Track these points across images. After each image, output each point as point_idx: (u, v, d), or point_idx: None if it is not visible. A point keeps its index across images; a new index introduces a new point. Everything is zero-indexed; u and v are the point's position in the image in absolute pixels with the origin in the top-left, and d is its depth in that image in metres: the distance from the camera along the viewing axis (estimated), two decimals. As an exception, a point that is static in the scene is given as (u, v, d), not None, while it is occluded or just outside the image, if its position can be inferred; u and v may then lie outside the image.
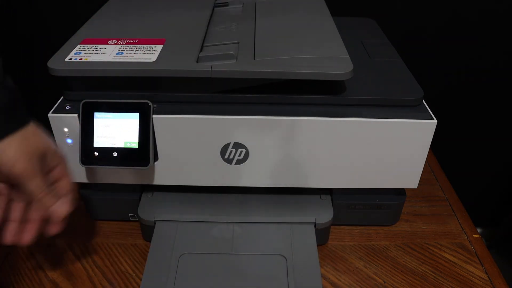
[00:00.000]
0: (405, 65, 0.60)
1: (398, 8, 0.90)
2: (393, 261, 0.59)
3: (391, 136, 0.52)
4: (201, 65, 0.50)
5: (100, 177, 0.57)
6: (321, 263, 0.58)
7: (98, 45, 0.53)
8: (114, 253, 0.60)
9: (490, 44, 0.94)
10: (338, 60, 0.50)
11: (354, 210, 0.61)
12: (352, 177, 0.56)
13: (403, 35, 0.92)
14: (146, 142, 0.51)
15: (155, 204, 0.60)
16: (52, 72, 0.49)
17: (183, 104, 0.52)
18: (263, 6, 0.69)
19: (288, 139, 0.52)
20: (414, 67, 0.62)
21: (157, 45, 0.53)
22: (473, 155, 1.14)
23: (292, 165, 0.54)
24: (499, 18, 0.91)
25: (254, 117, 0.50)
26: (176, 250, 0.55)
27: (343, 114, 0.51)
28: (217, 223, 0.58)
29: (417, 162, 0.55)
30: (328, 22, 0.61)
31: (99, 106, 0.51)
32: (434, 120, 0.51)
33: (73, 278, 0.56)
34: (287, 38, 0.56)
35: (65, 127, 0.52)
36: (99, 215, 0.64)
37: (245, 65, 0.50)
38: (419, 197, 0.70)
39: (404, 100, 0.52)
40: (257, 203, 0.60)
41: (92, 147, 0.51)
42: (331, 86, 0.52)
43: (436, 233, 0.64)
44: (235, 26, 0.61)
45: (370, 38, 0.69)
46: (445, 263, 0.59)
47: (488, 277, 0.57)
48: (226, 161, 0.54)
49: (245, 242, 0.56)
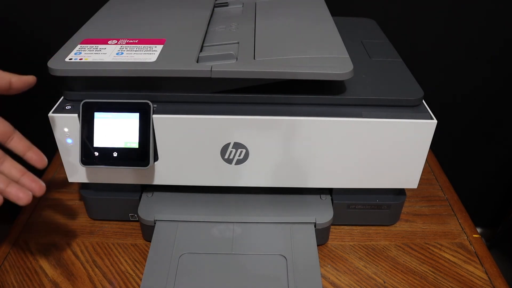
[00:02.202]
0: (405, 65, 0.60)
1: (398, 8, 0.90)
2: (393, 261, 0.59)
3: (391, 136, 0.52)
4: (201, 65, 0.50)
5: (100, 177, 0.57)
6: (321, 263, 0.58)
7: (98, 45, 0.53)
8: (114, 253, 0.60)
9: (490, 44, 0.94)
10: (338, 60, 0.50)
11: (354, 210, 0.61)
12: (352, 177, 0.56)
13: (403, 35, 0.92)
14: (146, 142, 0.51)
15: (155, 204, 0.60)
16: (52, 72, 0.49)
17: (183, 104, 0.52)
18: (263, 6, 0.69)
19: (288, 139, 0.52)
20: (414, 67, 0.62)
21: (157, 45, 0.53)
22: (473, 155, 1.14)
23: (292, 165, 0.54)
24: (499, 18, 0.91)
25: (254, 117, 0.50)
26: (176, 250, 0.55)
27: (343, 114, 0.51)
28: (217, 223, 0.58)
29: (417, 162, 0.55)
30: (328, 22, 0.61)
31: (99, 106, 0.51)
32: (434, 120, 0.51)
33: (73, 278, 0.56)
34: (287, 38, 0.56)
35: (65, 127, 0.52)
36: (99, 215, 0.64)
37: (245, 65, 0.50)
38: (419, 197, 0.70)
39: (404, 100, 0.52)
40: (257, 203, 0.60)
41: (92, 147, 0.51)
42: (331, 86, 0.52)
43: (436, 233, 0.64)
44: (235, 26, 0.61)
45: (370, 38, 0.69)
46: (445, 263, 0.59)
47: (488, 277, 0.57)
48: (226, 161, 0.54)
49: (245, 242, 0.56)
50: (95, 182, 0.57)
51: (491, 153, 1.13)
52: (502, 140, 1.10)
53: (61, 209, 0.67)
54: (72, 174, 0.56)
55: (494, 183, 1.20)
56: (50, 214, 0.66)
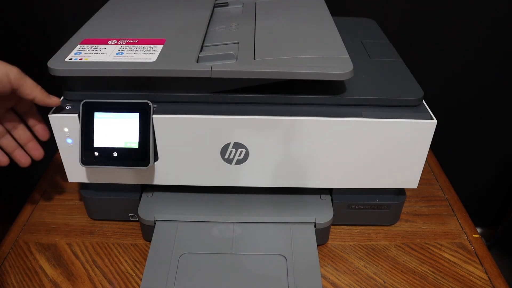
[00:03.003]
0: (405, 65, 0.60)
1: (398, 8, 0.90)
2: (393, 261, 0.59)
3: (391, 136, 0.52)
4: (201, 65, 0.50)
5: (100, 177, 0.57)
6: (321, 263, 0.58)
7: (98, 45, 0.53)
8: (114, 253, 0.60)
9: (490, 44, 0.94)
10: (338, 60, 0.50)
11: (354, 210, 0.61)
12: (352, 177, 0.56)
13: (403, 35, 0.92)
14: (146, 142, 0.51)
15: (155, 204, 0.60)
16: (52, 72, 0.49)
17: (183, 104, 0.52)
18: (263, 6, 0.69)
19: (288, 139, 0.52)
20: (414, 67, 0.62)
21: (157, 45, 0.53)
22: (473, 155, 1.14)
23: (292, 165, 0.54)
24: (499, 18, 0.91)
25: (254, 117, 0.50)
26: (176, 250, 0.55)
27: (343, 114, 0.51)
28: (217, 223, 0.58)
29: (417, 162, 0.55)
30: (328, 22, 0.61)
31: (99, 106, 0.51)
32: (434, 120, 0.51)
33: (73, 278, 0.56)
34: (287, 38, 0.56)
35: (65, 127, 0.52)
36: (99, 215, 0.64)
37: (245, 65, 0.50)
38: (419, 197, 0.70)
39: (404, 100, 0.52)
40: (257, 203, 0.60)
41: (92, 147, 0.51)
42: (331, 86, 0.52)
43: (436, 233, 0.64)
44: (235, 26, 0.61)
45: (370, 38, 0.69)
46: (445, 263, 0.59)
47: (488, 277, 0.57)
48: (226, 161, 0.54)
49: (245, 242, 0.56)
50: (95, 182, 0.57)
51: (491, 153, 1.13)
52: (502, 140, 1.10)
53: (61, 209, 0.67)
54: (72, 174, 0.56)
55: (494, 183, 1.20)
56: (50, 214, 0.66)
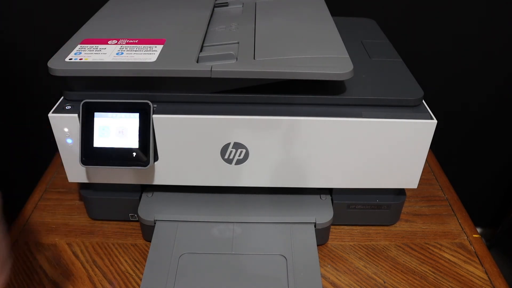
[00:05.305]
0: (405, 65, 0.60)
1: (398, 8, 0.90)
2: (393, 261, 0.59)
3: (391, 136, 0.52)
4: (201, 65, 0.50)
5: (100, 177, 0.57)
6: (321, 263, 0.58)
7: (98, 45, 0.53)
8: (114, 253, 0.60)
9: (490, 44, 0.94)
10: (338, 60, 0.50)
11: (354, 210, 0.61)
12: (352, 177, 0.56)
13: (403, 35, 0.92)
14: (146, 142, 0.51)
15: (155, 204, 0.60)
16: (52, 72, 0.49)
17: (183, 104, 0.52)
18: (263, 6, 0.69)
19: (288, 139, 0.52)
20: (414, 67, 0.62)
21: (157, 45, 0.53)
22: (473, 155, 1.14)
23: (292, 165, 0.54)
24: (499, 18, 0.91)
25: (254, 117, 0.50)
26: (176, 250, 0.55)
27: (343, 114, 0.51)
28: (217, 223, 0.58)
29: (417, 162, 0.55)
30: (328, 22, 0.61)
31: (99, 106, 0.51)
32: (434, 120, 0.51)
33: (73, 278, 0.56)
34: (287, 38, 0.56)
35: (65, 127, 0.52)
36: (99, 215, 0.64)
37: (245, 65, 0.50)
38: (419, 197, 0.70)
39: (404, 100, 0.52)
40: (257, 203, 0.60)
41: (92, 147, 0.51)
42: (331, 86, 0.52)
43: (436, 233, 0.64)
44: (235, 26, 0.61)
45: (370, 38, 0.69)
46: (445, 263, 0.59)
47: (488, 277, 0.57)
48: (226, 161, 0.54)
49: (245, 242, 0.56)
50: (95, 182, 0.57)
51: (491, 153, 1.13)
52: (502, 140, 1.10)
53: (61, 209, 0.67)
54: (72, 174, 0.56)
55: (494, 183, 1.20)
56: (50, 214, 0.66)
